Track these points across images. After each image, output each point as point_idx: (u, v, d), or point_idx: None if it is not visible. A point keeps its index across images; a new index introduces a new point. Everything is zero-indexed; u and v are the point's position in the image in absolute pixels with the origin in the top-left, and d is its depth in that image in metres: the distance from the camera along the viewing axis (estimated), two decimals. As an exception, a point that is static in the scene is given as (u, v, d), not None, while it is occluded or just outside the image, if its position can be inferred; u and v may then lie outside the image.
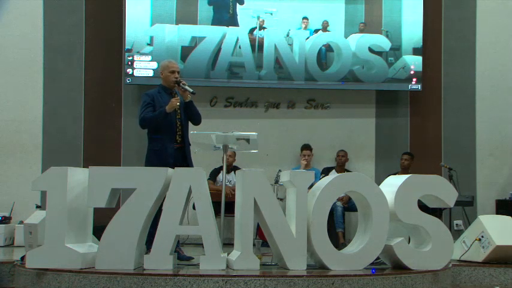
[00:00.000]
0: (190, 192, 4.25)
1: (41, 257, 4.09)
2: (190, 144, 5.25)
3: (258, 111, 8.11)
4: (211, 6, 7.83)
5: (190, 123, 5.33)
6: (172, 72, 5.21)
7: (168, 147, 5.06)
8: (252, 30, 7.86)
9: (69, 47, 7.91)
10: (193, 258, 4.94)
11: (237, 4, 7.85)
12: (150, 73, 7.65)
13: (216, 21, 7.81)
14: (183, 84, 5.14)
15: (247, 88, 7.95)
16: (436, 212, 6.07)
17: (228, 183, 7.00)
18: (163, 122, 5.08)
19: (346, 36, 7.94)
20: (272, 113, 8.13)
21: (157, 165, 4.67)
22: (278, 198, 5.29)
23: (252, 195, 4.24)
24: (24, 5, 7.89)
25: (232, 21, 7.84)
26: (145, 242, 4.41)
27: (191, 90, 5.14)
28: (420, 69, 7.97)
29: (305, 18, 7.93)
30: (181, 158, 5.12)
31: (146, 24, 7.75)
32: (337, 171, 7.40)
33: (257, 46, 7.83)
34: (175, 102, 5.08)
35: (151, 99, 5.17)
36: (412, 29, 8.01)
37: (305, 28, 7.93)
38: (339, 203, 7.03)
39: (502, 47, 8.30)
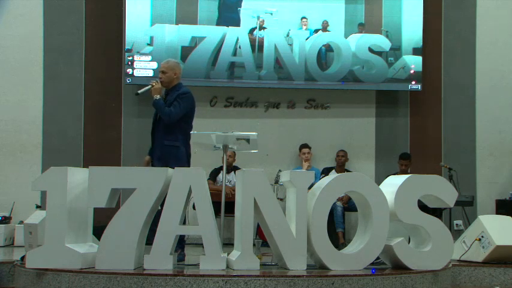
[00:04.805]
0: (190, 192, 4.24)
1: (41, 257, 4.08)
2: (169, 145, 5.05)
3: (258, 111, 8.11)
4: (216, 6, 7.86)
5: (181, 123, 5.12)
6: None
7: (151, 146, 5.20)
8: (252, 30, 7.86)
9: (69, 47, 7.90)
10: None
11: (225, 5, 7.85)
12: (150, 73, 7.65)
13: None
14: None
15: (247, 88, 7.95)
16: (436, 212, 6.06)
17: (228, 183, 7.00)
18: None
19: (346, 36, 7.94)
20: (272, 113, 8.13)
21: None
22: (278, 198, 5.29)
23: (252, 195, 4.23)
24: (24, 5, 7.89)
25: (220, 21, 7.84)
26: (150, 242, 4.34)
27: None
28: (420, 69, 7.97)
29: (305, 18, 7.93)
30: (151, 159, 5.15)
31: (146, 24, 7.75)
32: (337, 171, 7.40)
33: (257, 46, 7.83)
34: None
35: None
36: (412, 29, 8.01)
37: (305, 28, 7.93)
38: (339, 203, 7.03)
39: (502, 47, 8.30)
